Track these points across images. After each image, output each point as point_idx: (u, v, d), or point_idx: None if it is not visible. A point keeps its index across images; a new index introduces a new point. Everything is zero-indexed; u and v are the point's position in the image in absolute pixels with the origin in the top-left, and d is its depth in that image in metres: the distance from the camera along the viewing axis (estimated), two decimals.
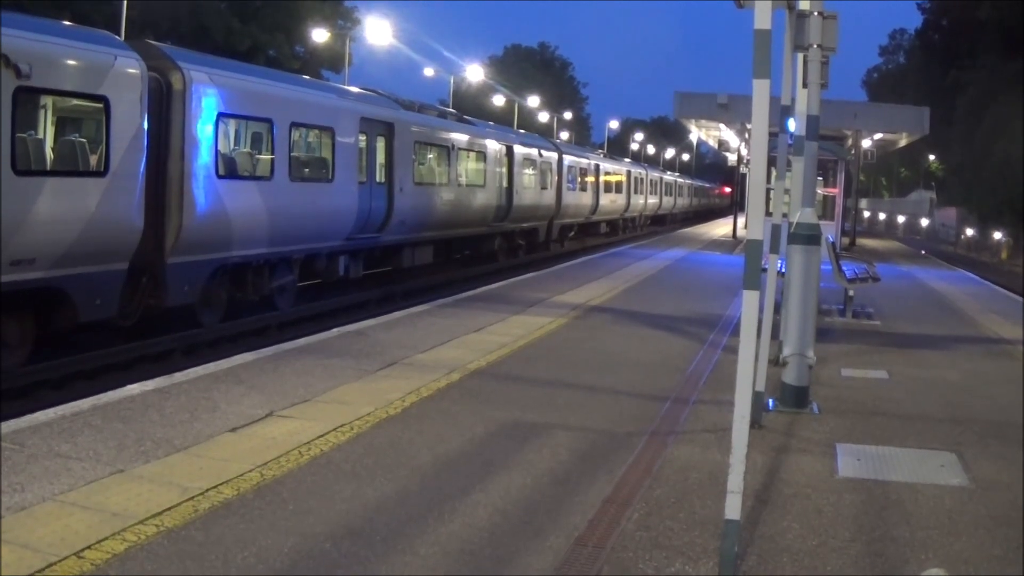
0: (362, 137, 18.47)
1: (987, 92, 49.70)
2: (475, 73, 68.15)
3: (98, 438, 6.42)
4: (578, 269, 21.63)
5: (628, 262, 23.95)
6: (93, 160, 11.70)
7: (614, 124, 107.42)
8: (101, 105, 11.59)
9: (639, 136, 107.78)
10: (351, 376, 8.81)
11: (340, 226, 17.55)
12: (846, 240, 34.84)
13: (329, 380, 8.59)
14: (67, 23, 12.85)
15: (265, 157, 15.50)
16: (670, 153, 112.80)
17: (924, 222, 75.28)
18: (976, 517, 5.73)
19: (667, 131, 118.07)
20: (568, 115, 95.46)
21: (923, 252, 43.31)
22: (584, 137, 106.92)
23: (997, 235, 54.30)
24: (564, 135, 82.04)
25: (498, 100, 75.82)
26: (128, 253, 12.06)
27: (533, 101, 78.04)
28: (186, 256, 13.17)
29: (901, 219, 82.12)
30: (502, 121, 50.66)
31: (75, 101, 11.82)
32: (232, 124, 14.97)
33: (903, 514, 5.73)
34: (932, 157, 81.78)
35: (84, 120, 12.13)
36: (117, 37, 12.61)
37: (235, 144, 15.34)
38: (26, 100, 10.74)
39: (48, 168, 11.25)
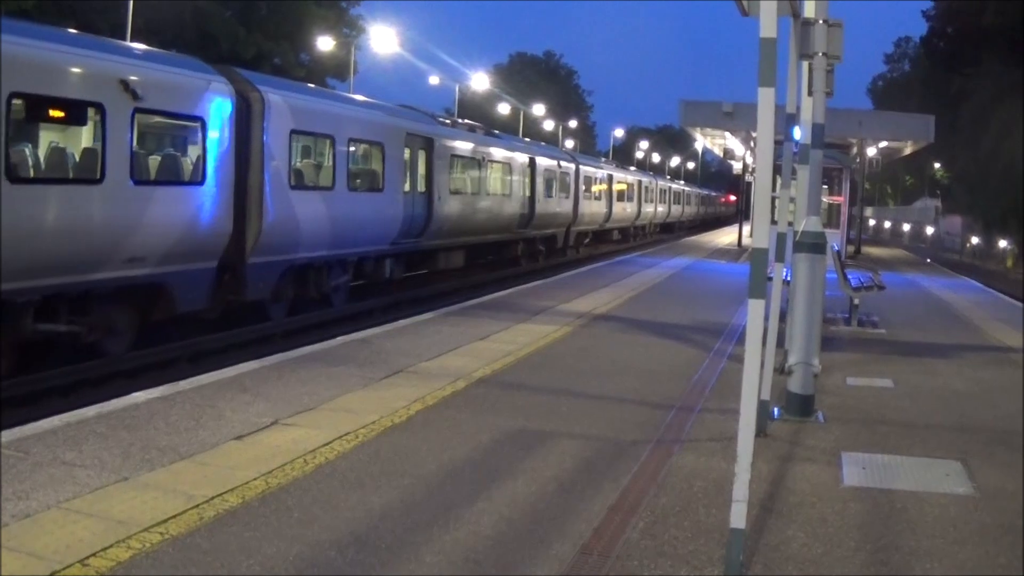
0: (406, 151, 20.22)
1: (992, 100, 49.66)
2: (480, 81, 68.19)
3: (103, 446, 6.43)
4: (584, 277, 21.63)
5: (634, 270, 23.94)
6: (193, 172, 13.39)
7: (619, 132, 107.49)
8: (198, 124, 13.28)
9: (644, 144, 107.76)
10: (356, 384, 8.81)
11: (388, 231, 19.30)
12: (851, 248, 34.78)
13: (334, 388, 8.59)
14: (167, 52, 14.51)
15: (327, 169, 17.17)
16: (675, 161, 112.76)
17: (929, 230, 75.25)
18: (981, 526, 5.71)
19: (672, 139, 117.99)
20: (573, 123, 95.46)
21: (928, 260, 43.26)
22: (589, 145, 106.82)
23: (1002, 243, 54.26)
24: (569, 143, 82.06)
25: (503, 108, 75.83)
26: (218, 253, 13.79)
27: (538, 109, 78.04)
28: (263, 257, 14.82)
29: (906, 227, 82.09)
30: (507, 129, 50.77)
31: (178, 121, 13.39)
32: (301, 140, 16.52)
33: (908, 523, 5.72)
34: (937, 165, 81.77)
35: (184, 137, 13.75)
36: (208, 64, 14.22)
37: (304, 157, 17.07)
38: (141, 120, 12.19)
39: (157, 179, 12.84)
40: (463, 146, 24.19)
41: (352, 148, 17.98)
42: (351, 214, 17.52)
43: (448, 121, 24.36)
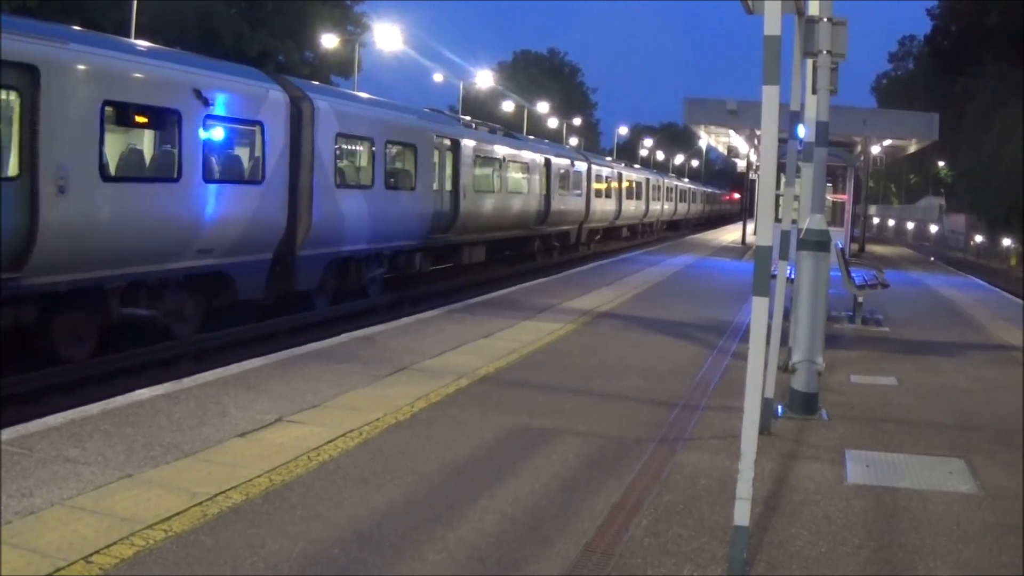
0: (435, 152, 21.65)
1: (996, 98, 49.61)
2: (485, 79, 68.17)
3: (107, 443, 6.44)
4: (587, 275, 21.62)
5: (637, 268, 23.93)
6: (252, 171, 14.69)
7: (623, 130, 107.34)
8: (258, 128, 14.58)
9: (648, 142, 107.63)
10: (360, 382, 8.82)
11: (419, 227, 20.64)
12: (855, 246, 34.75)
13: (338, 385, 8.60)
14: (230, 63, 15.78)
15: (367, 169, 18.55)
16: (679, 159, 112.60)
17: (933, 228, 75.10)
18: (984, 524, 5.71)
19: (676, 137, 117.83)
20: (577, 121, 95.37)
21: (932, 259, 43.18)
22: (593, 143, 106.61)
23: (1006, 241, 54.16)
24: (573, 141, 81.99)
25: (507, 106, 75.77)
26: (273, 246, 15.04)
27: (542, 107, 77.98)
28: (311, 250, 16.06)
29: (910, 225, 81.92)
30: (511, 126, 50.82)
31: (241, 125, 14.61)
32: (345, 142, 17.86)
33: (912, 521, 5.72)
34: (941, 163, 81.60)
35: (247, 140, 14.98)
36: (265, 73, 15.81)
37: (347, 158, 18.38)
38: (210, 124, 13.50)
39: (224, 178, 13.95)
40: (485, 147, 25.52)
41: (389, 150, 19.26)
42: (388, 211, 18.81)
43: (472, 124, 25.92)
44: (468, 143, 23.84)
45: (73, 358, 11.61)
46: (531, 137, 38.86)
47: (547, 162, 31.39)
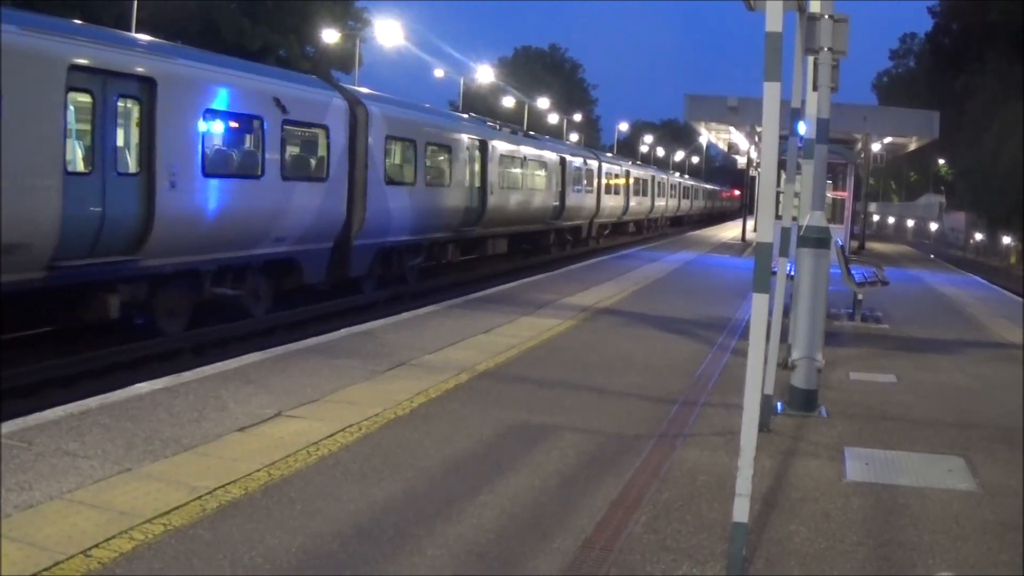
0: (466, 152, 23.74)
1: (996, 96, 49.54)
2: (485, 74, 68.15)
3: (106, 436, 6.43)
4: (587, 271, 21.61)
5: (637, 264, 23.92)
6: (318, 169, 16.73)
7: (624, 126, 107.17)
8: (323, 131, 16.65)
9: (649, 138, 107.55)
10: (359, 376, 8.82)
11: (453, 220, 22.86)
12: (855, 244, 34.73)
13: (337, 380, 8.59)
14: (299, 72, 18.25)
15: (410, 168, 20.44)
16: (680, 155, 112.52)
17: (933, 226, 75.06)
18: (984, 522, 5.71)
19: (677, 133, 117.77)
20: (578, 117, 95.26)
21: (932, 256, 43.16)
22: (594, 139, 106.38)
23: (1006, 239, 54.14)
24: (574, 137, 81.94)
25: (508, 101, 75.68)
26: (334, 236, 17.06)
27: (543, 103, 77.92)
28: (364, 240, 18.02)
29: (910, 223, 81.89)
30: (511, 122, 50.81)
31: (311, 129, 16.66)
32: (393, 143, 19.70)
33: (911, 518, 5.72)
34: (942, 161, 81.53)
35: (315, 142, 16.94)
36: (327, 82, 18.32)
37: (394, 158, 20.16)
38: (287, 128, 15.50)
39: (297, 175, 15.96)
40: (509, 147, 27.61)
41: (428, 150, 21.28)
42: (427, 205, 20.95)
43: (496, 125, 28.03)
44: (495, 144, 25.84)
45: (172, 332, 13.30)
46: (532, 133, 39.10)
47: (562, 160, 33.33)
